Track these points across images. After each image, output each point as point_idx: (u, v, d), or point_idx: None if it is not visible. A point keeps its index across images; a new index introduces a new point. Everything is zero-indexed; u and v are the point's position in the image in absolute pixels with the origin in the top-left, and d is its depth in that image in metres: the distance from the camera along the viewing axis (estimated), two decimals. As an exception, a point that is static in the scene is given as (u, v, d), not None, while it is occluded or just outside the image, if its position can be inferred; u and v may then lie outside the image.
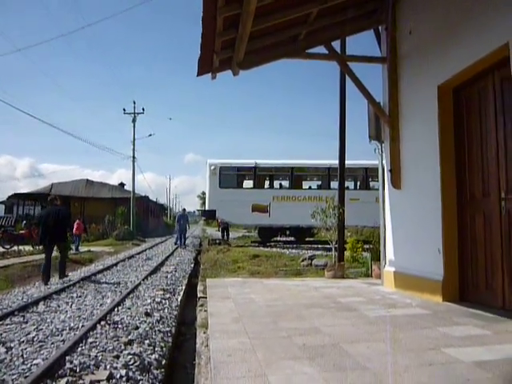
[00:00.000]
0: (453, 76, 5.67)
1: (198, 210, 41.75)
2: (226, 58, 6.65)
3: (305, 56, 7.29)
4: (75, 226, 19.82)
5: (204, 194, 35.60)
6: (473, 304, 5.38)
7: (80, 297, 7.85)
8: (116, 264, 13.80)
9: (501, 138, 5.05)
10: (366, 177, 22.10)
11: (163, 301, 7.42)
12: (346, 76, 8.04)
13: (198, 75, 6.64)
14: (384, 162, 7.56)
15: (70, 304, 7.14)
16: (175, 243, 22.73)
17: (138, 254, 18.27)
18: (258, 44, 6.68)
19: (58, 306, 6.95)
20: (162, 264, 13.77)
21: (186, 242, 23.71)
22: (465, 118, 5.82)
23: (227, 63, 6.79)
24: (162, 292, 8.22)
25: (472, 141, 5.66)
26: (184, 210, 24.64)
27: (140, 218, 38.14)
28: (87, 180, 41.39)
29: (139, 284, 9.21)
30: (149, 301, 7.27)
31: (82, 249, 19.85)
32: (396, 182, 7.01)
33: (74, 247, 19.21)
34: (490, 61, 5.07)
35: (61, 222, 9.78)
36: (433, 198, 5.97)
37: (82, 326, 5.57)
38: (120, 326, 5.58)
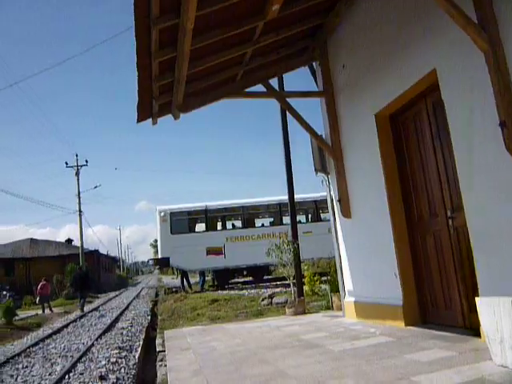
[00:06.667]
0: (388, 104, 5.84)
1: (151, 259, 40.36)
2: (165, 103, 6.56)
3: (244, 95, 7.36)
4: (40, 286, 20.05)
5: (156, 241, 34.73)
6: (435, 325, 5.36)
7: (26, 367, 7.24)
8: (67, 326, 13.01)
9: (440, 159, 5.19)
10: (317, 209, 22.43)
11: (119, 360, 6.96)
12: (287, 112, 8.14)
13: (137, 122, 6.50)
14: (332, 192, 7.62)
15: (14, 377, 6.56)
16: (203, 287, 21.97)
17: (91, 311, 17.40)
18: (197, 86, 6.66)
19: (2, 381, 6.35)
20: (116, 320, 13.13)
21: (142, 293, 22.87)
22: (404, 142, 5.98)
23: (167, 107, 6.71)
24: (117, 351, 7.74)
25: (414, 164, 5.79)
26: None
27: (91, 273, 36.59)
28: (31, 239, 39.57)
29: (92, 345, 8.65)
30: (103, 362, 6.81)
31: (30, 313, 18.68)
32: (346, 212, 7.05)
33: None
34: (421, 87, 5.27)
35: (84, 279, 17.99)
36: (383, 223, 6.02)
37: (29, 400, 5.09)
38: (72, 395, 5.15)
